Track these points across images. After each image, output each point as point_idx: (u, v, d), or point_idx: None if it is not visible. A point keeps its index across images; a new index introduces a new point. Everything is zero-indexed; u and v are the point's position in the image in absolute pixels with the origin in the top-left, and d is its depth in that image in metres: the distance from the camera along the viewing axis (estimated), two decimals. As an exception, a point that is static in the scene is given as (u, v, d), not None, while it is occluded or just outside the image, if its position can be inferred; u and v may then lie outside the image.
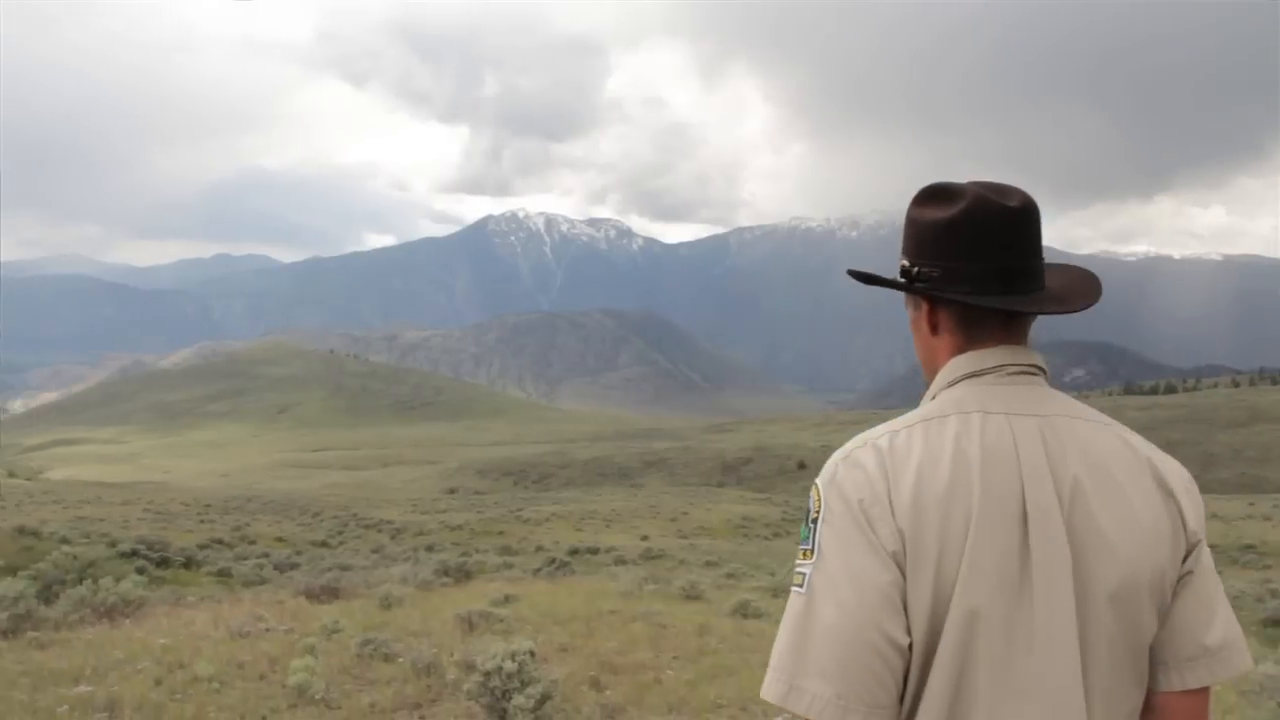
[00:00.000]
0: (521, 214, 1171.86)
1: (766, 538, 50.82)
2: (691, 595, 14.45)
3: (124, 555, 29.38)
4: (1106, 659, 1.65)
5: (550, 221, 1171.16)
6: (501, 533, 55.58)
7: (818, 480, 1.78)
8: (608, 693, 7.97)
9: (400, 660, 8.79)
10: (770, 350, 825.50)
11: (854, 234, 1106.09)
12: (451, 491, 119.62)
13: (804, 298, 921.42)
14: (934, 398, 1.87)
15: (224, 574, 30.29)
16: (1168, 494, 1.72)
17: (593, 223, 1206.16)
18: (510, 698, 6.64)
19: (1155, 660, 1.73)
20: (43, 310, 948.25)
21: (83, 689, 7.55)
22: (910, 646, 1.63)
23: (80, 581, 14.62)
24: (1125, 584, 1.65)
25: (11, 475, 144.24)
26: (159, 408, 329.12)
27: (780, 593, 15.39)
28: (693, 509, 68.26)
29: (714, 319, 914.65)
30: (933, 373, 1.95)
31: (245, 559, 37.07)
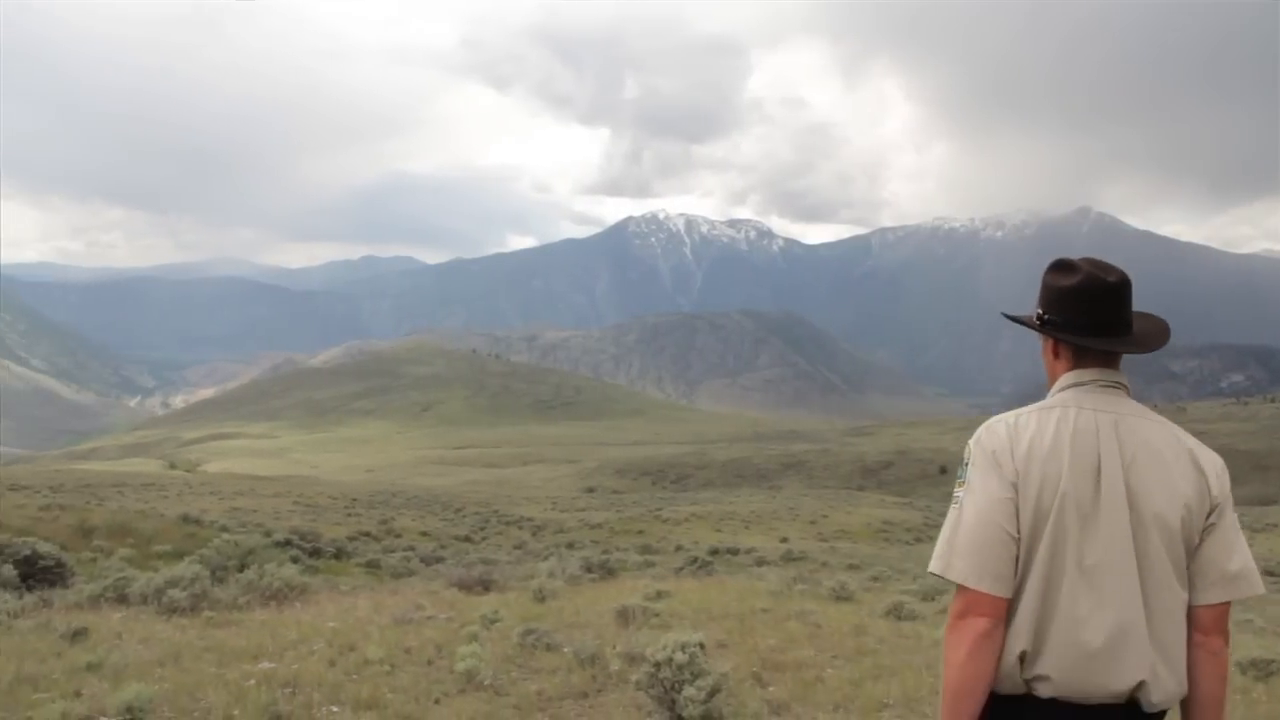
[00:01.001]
0: (662, 215, 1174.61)
1: (908, 543, 49.96)
2: (842, 596, 14.25)
3: (278, 545, 30.29)
4: (1153, 560, 2.60)
5: (690, 223, 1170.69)
6: (641, 532, 55.74)
7: (970, 441, 2.78)
8: (771, 689, 7.93)
9: (564, 650, 8.88)
10: (912, 352, 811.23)
11: (999, 234, 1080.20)
12: (590, 490, 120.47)
13: (947, 299, 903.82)
14: (1049, 397, 2.82)
15: (373, 565, 31.02)
16: (1200, 471, 2.67)
17: (733, 224, 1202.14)
18: (681, 689, 6.61)
19: (1192, 586, 2.68)
20: (202, 311, 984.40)
21: (265, 665, 7.82)
22: (1019, 541, 2.62)
23: (241, 568, 15.13)
24: (1160, 519, 2.61)
25: (172, 467, 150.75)
26: (308, 405, 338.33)
27: (930, 597, 15.09)
28: (833, 512, 67.52)
29: (854, 320, 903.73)
30: (1052, 382, 2.87)
31: (392, 551, 37.94)
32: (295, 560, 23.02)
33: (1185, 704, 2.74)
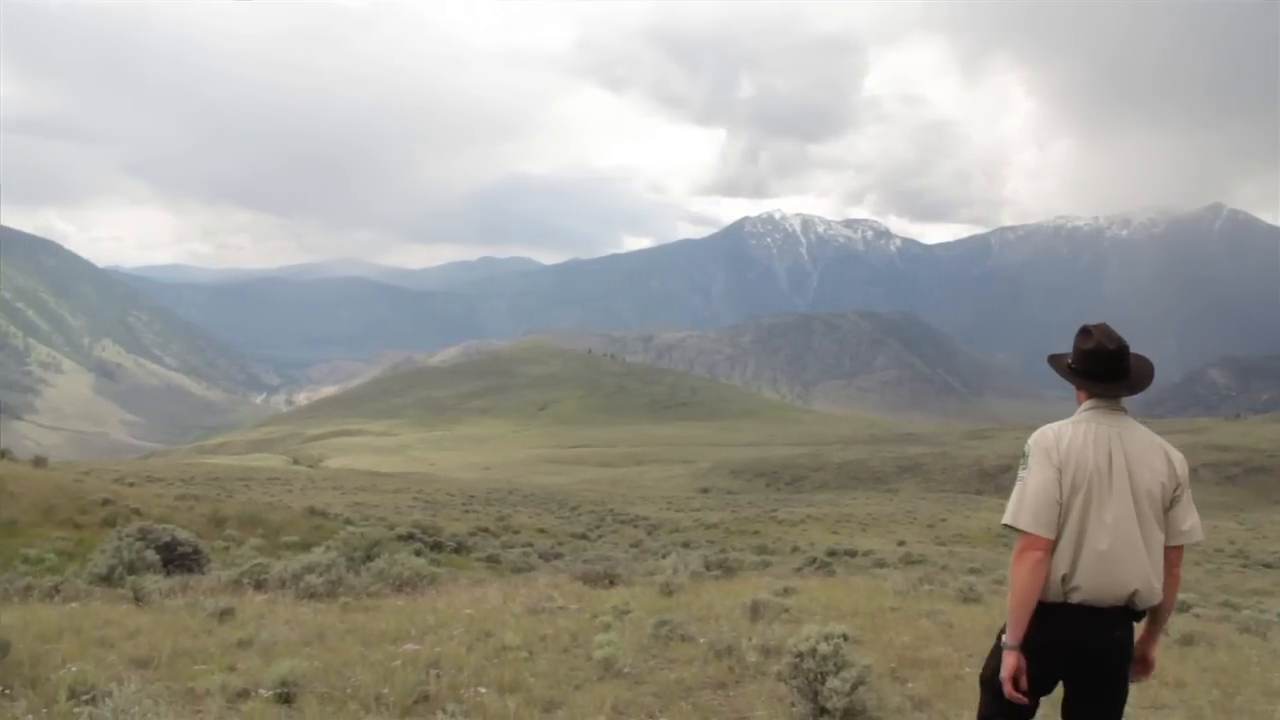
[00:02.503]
0: (778, 215, 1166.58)
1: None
2: (970, 598, 14.00)
3: (401, 538, 30.83)
4: (1146, 514, 4.27)
5: (807, 223, 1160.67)
6: (756, 532, 55.55)
7: (1029, 440, 4.39)
8: (910, 685, 7.86)
9: (699, 641, 8.87)
10: (1032, 354, 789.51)
11: (1124, 233, 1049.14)
12: (704, 491, 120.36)
13: (1069, 299, 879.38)
14: (1076, 415, 4.48)
15: (492, 560, 31.37)
16: (1169, 462, 4.34)
17: (850, 223, 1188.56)
18: (824, 680, 6.53)
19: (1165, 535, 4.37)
20: (324, 310, 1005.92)
21: (409, 647, 7.97)
22: (1061, 505, 4.23)
23: (367, 559, 15.42)
24: (1148, 491, 4.28)
25: (295, 463, 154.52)
26: (427, 403, 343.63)
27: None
28: (951, 516, 66.54)
29: (973, 321, 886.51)
30: (1079, 403, 4.54)
31: (511, 547, 38.36)
32: (418, 554, 23.38)
33: (1152, 608, 4.42)
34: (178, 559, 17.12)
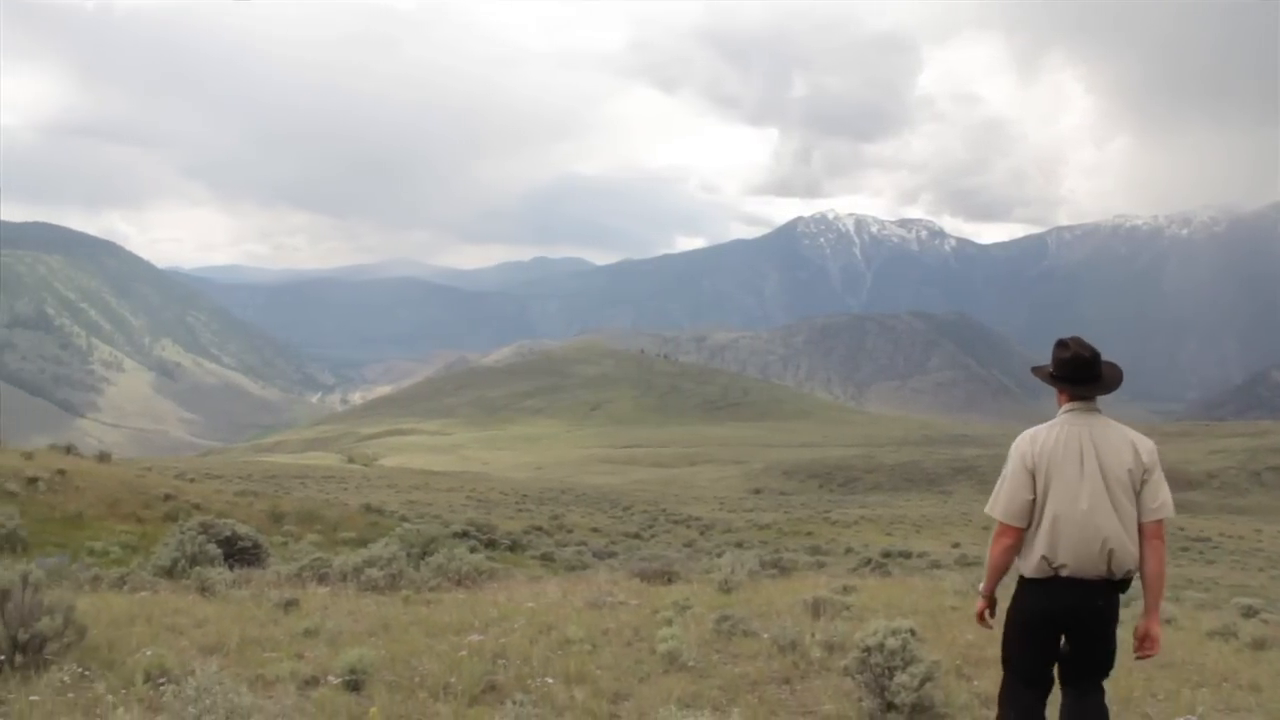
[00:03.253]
0: (831, 215, 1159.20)
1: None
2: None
3: (456, 535, 31.04)
4: (1117, 494, 4.95)
5: (860, 222, 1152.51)
6: (810, 533, 55.39)
7: (1013, 444, 5.20)
8: (975, 683, 7.78)
9: (762, 636, 8.85)
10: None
11: (1184, 232, 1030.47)
12: (757, 492, 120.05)
13: (1127, 300, 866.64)
14: (1056, 417, 5.17)
15: (547, 558, 31.49)
16: (1136, 451, 5.01)
17: (903, 223, 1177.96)
18: (892, 676, 6.49)
19: (1140, 512, 5.03)
20: (379, 310, 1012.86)
21: (474, 638, 8.02)
22: (1034, 500, 5.03)
23: (423, 555, 15.52)
24: (1117, 477, 4.96)
25: (350, 461, 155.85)
26: (480, 403, 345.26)
27: (1124, 604, 14.51)
28: (1007, 518, 65.70)
29: (1029, 322, 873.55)
30: (1059, 405, 5.24)
31: (565, 546, 38.50)
32: (473, 551, 23.53)
33: (1143, 580, 5.16)
34: (238, 553, 17.34)
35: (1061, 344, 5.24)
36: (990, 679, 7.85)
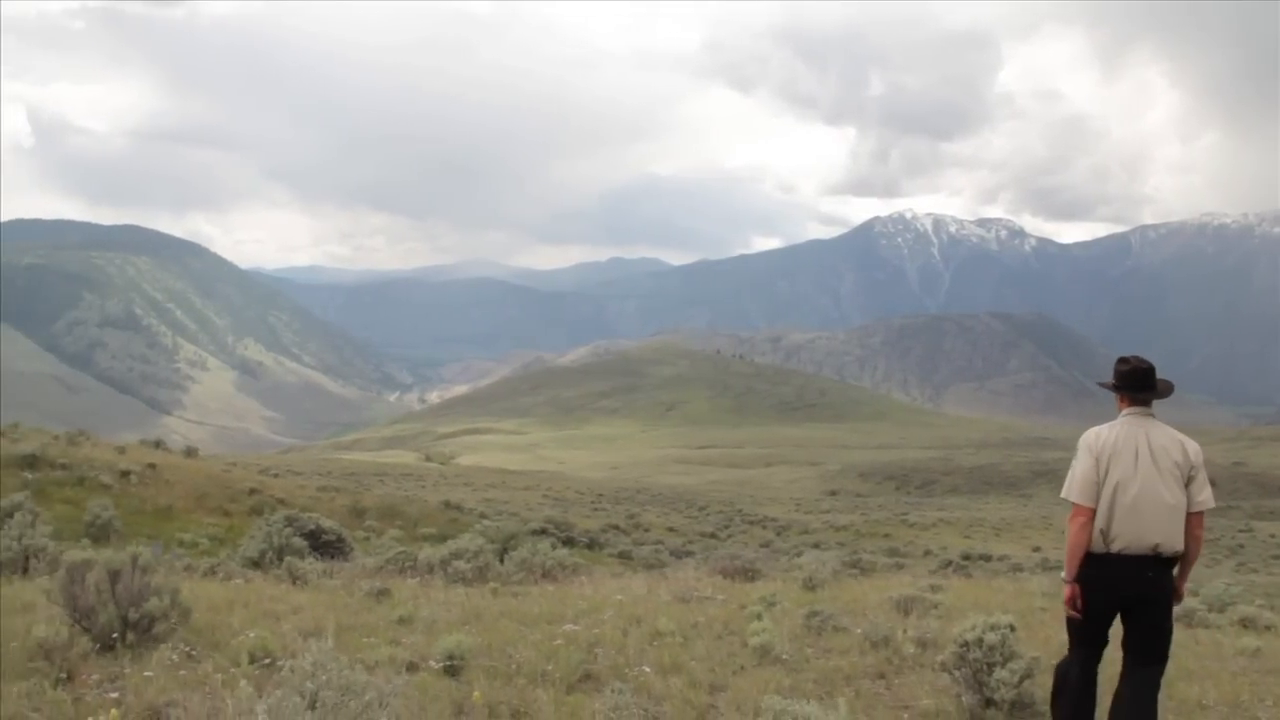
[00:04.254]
0: (909, 215, 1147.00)
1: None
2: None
3: (535, 532, 31.20)
4: (1169, 488, 5.77)
5: (938, 222, 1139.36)
6: (887, 535, 54.95)
7: (1080, 439, 6.05)
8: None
9: (853, 632, 8.79)
10: (1175, 357, 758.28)
11: (1277, 229, 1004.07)
12: (833, 493, 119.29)
13: (1215, 300, 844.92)
14: (1117, 420, 6.01)
15: (624, 556, 31.53)
16: (1184, 451, 5.86)
17: (982, 223, 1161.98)
18: (991, 671, 6.40)
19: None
20: (456, 310, 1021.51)
21: (568, 628, 8.06)
22: (1100, 484, 5.79)
23: (503, 551, 15.62)
24: (1168, 470, 5.79)
25: (427, 460, 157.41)
26: (556, 402, 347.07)
27: (1220, 608, 14.25)
28: (1089, 521, 64.57)
29: (1112, 323, 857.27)
30: (1119, 410, 6.06)
31: (642, 544, 38.56)
32: (553, 548, 23.62)
33: (1182, 557, 5.91)
34: (323, 546, 17.61)
35: (1123, 360, 6.19)
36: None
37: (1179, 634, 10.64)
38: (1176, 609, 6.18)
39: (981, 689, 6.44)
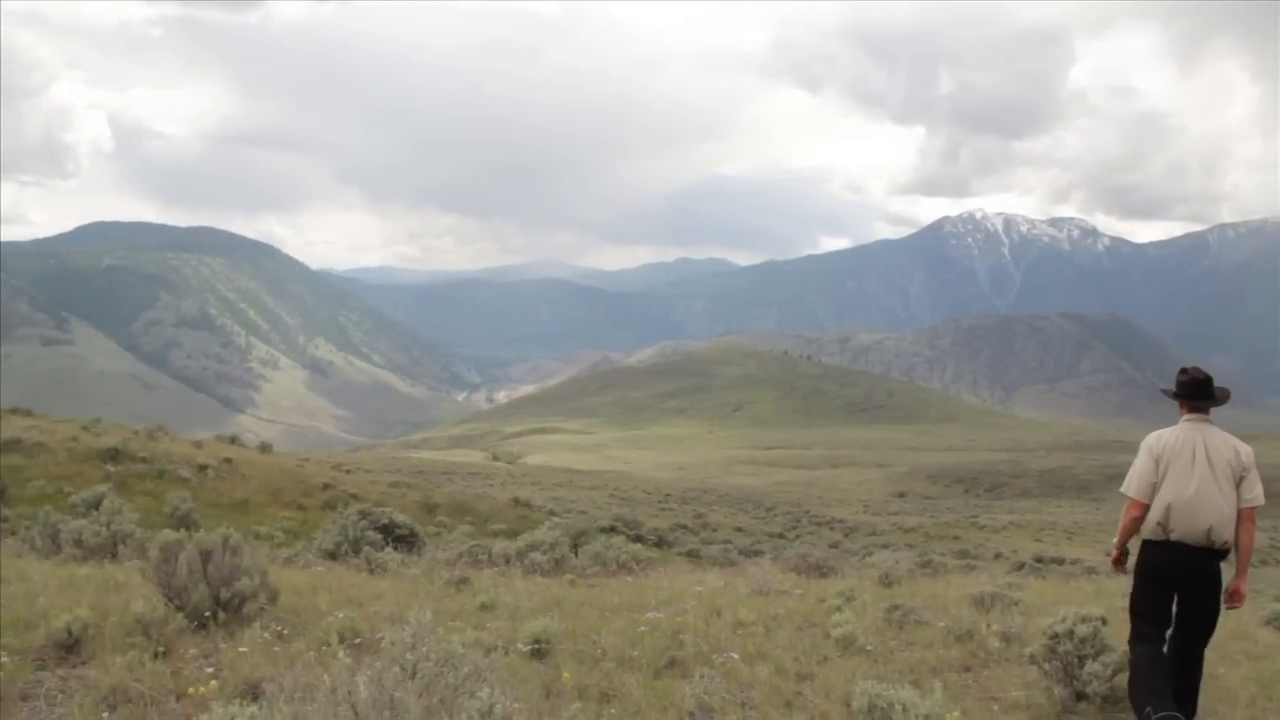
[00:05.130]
0: (979, 214, 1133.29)
1: (1253, 564, 46.21)
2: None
3: (603, 530, 31.27)
4: (1222, 485, 6.37)
5: (1009, 222, 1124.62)
6: (957, 537, 54.36)
7: (1142, 440, 6.76)
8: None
9: (936, 625, 8.71)
10: (1254, 359, 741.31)
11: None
12: (901, 495, 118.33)
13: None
14: (1178, 424, 6.68)
15: (693, 554, 31.49)
16: (1236, 453, 6.46)
17: (1054, 222, 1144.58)
18: (1083, 664, 6.31)
19: (1237, 500, 6.46)
20: (524, 310, 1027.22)
21: (652, 615, 8.05)
22: (1156, 484, 6.47)
23: (574, 547, 15.68)
24: (1221, 470, 6.40)
25: (495, 459, 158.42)
26: (623, 403, 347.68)
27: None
28: (1164, 526, 63.40)
29: (1188, 324, 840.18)
30: (1180, 415, 6.73)
31: (711, 543, 38.47)
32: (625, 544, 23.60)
33: (1236, 551, 6.44)
34: (396, 540, 17.78)
35: (1183, 370, 6.85)
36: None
37: (1264, 636, 10.49)
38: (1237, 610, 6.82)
39: (1073, 682, 6.37)
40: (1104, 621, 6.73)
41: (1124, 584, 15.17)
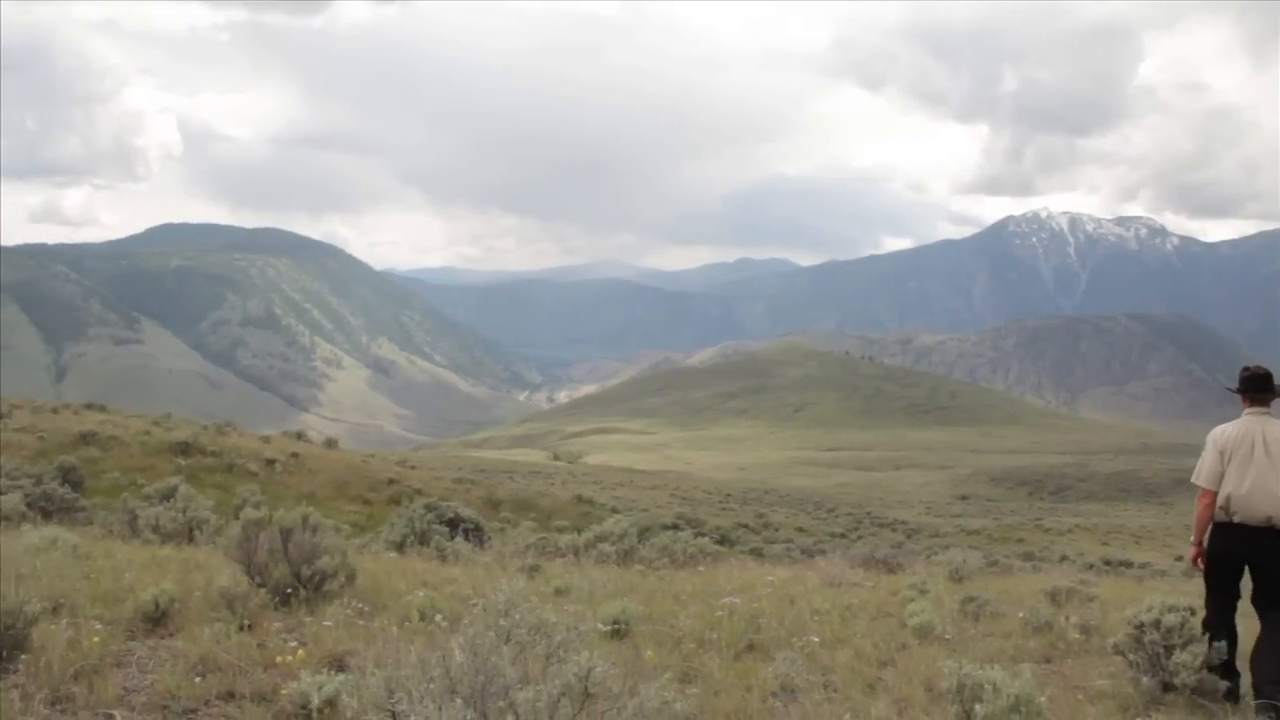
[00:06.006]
0: (1044, 214, 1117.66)
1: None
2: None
3: (666, 527, 31.29)
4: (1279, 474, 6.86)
5: (1074, 221, 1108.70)
6: (1021, 540, 53.75)
7: (1208, 434, 7.29)
8: (1244, 679, 7.36)
9: (1012, 616, 8.62)
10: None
11: None
12: (964, 498, 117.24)
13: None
14: (1240, 418, 7.18)
15: (756, 553, 31.31)
16: None
17: (1121, 221, 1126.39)
18: (1170, 654, 6.17)
19: None
20: (585, 311, 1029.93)
21: (730, 600, 8.03)
22: (1223, 473, 6.94)
23: (641, 540, 15.70)
24: (1278, 459, 6.81)
25: (555, 458, 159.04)
26: (684, 403, 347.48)
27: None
28: (1236, 530, 62.33)
29: (1262, 325, 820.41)
30: (1243, 409, 7.24)
31: (773, 542, 38.38)
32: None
33: None
34: (461, 533, 17.91)
35: (1245, 368, 7.38)
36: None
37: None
38: None
39: (1159, 672, 6.24)
40: (1192, 612, 6.60)
41: (1201, 585, 14.96)
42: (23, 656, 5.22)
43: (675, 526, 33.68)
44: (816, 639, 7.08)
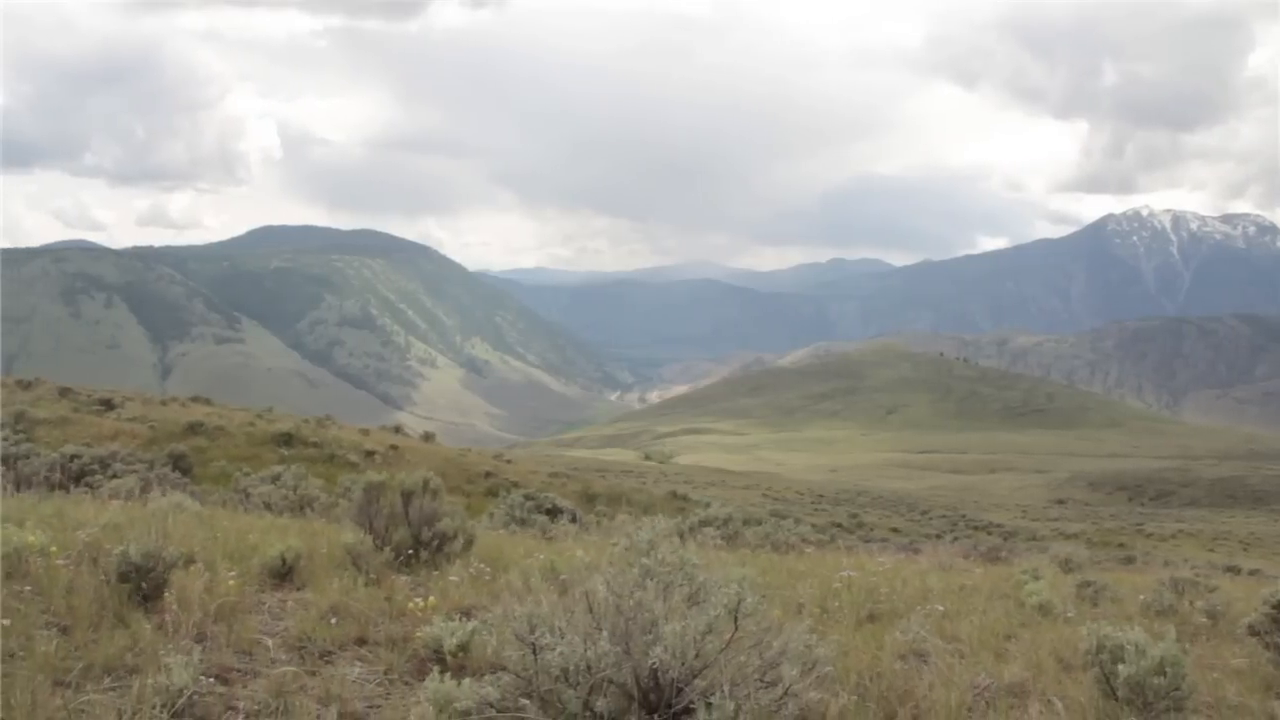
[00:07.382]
0: (1145, 212, 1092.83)
1: None
2: None
3: (761, 523, 31.13)
4: None
5: (1178, 219, 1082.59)
6: (1121, 545, 52.71)
7: None
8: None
9: (1135, 599, 8.48)
10: None
11: None
12: (1060, 502, 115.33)
13: None
14: None
15: (851, 551, 31.06)
16: None
17: (1228, 219, 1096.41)
18: (1309, 636, 6.00)
19: None
20: (677, 311, 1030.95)
21: (846, 574, 8.00)
22: None
23: (742, 527, 15.74)
24: None
25: (647, 458, 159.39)
26: (775, 404, 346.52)
27: None
28: (1356, 540, 60.73)
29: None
30: None
31: (869, 541, 37.99)
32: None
33: None
34: (566, 518, 18.06)
35: None
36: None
37: None
38: None
39: (1298, 654, 6.05)
40: (1329, 592, 6.38)
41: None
42: (166, 596, 5.56)
43: (774, 517, 33.65)
44: (941, 607, 7.00)
